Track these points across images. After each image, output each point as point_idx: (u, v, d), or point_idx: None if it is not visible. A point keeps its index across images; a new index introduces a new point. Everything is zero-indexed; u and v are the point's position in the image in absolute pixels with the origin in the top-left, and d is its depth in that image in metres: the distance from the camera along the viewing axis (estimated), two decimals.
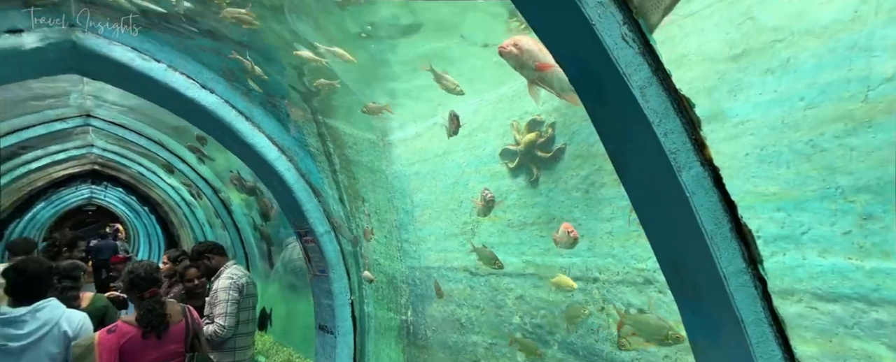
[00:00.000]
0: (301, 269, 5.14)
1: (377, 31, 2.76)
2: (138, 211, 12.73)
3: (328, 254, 4.11)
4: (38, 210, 10.78)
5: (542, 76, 1.94)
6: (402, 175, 3.65)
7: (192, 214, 8.19)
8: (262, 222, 5.82)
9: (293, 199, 4.11)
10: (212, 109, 3.70)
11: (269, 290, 5.91)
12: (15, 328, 2.75)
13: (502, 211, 2.76)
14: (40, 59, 3.10)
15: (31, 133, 4.97)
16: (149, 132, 6.01)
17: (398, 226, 3.78)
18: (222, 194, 6.56)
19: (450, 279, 3.30)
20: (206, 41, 3.26)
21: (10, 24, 2.87)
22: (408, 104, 3.30)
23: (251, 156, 4.02)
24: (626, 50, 1.09)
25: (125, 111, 5.65)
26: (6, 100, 4.36)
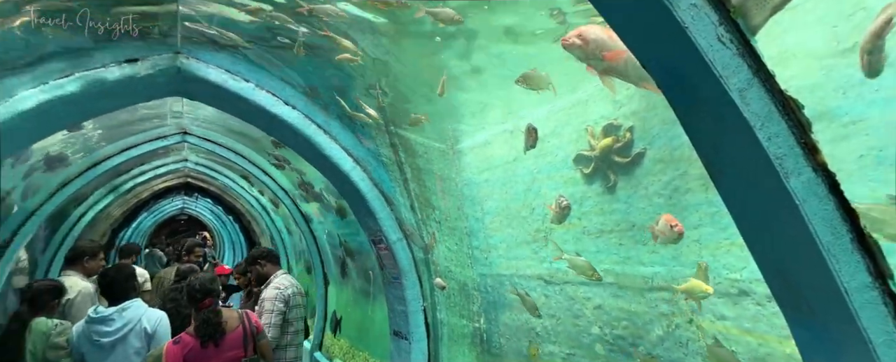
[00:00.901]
0: (373, 275, 5.32)
1: (447, 39, 2.82)
2: (224, 220, 13.80)
3: (401, 261, 4.23)
4: (141, 219, 12.05)
5: (613, 66, 1.87)
6: (472, 183, 3.68)
7: (272, 222, 8.74)
8: (339, 230, 6.08)
9: (367, 208, 4.28)
10: (294, 124, 3.95)
11: (343, 296, 6.17)
12: (105, 325, 3.18)
13: (577, 218, 2.71)
14: (151, 84, 3.47)
15: (140, 150, 5.57)
16: (235, 146, 6.51)
17: (469, 234, 3.82)
18: (299, 203, 6.96)
19: (522, 287, 3.27)
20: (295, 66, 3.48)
21: (128, 55, 3.25)
22: (478, 111, 3.34)
23: (328, 167, 4.24)
24: (722, 51, 1.05)
25: (215, 127, 6.18)
26: (122, 121, 4.93)
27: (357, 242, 5.76)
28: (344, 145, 4.19)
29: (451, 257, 3.93)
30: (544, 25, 2.34)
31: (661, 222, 1.97)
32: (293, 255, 8.56)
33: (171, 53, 3.42)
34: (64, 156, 4.97)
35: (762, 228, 1.13)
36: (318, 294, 6.64)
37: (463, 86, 3.28)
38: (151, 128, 5.78)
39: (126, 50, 3.27)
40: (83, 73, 3.12)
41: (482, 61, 2.88)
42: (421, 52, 2.94)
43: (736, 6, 1.03)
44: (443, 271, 3.96)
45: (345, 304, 6.18)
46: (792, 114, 1.03)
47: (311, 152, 4.22)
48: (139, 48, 3.32)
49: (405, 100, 3.59)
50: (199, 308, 3.05)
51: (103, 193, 7.03)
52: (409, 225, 4.31)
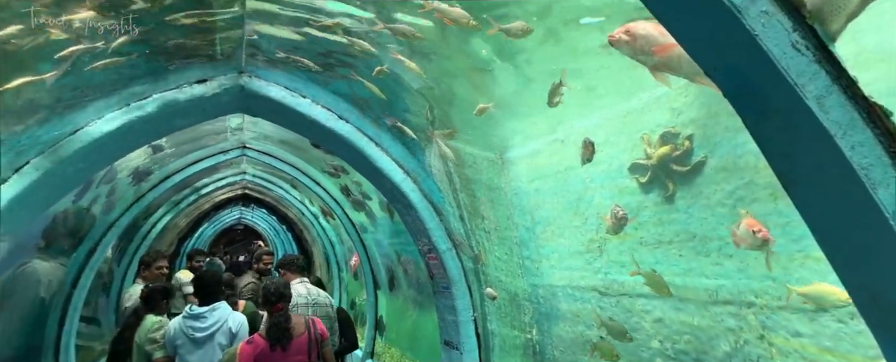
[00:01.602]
0: (423, 285, 5.38)
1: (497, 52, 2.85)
2: (277, 229, 14.39)
3: (450, 271, 4.26)
4: (203, 229, 12.79)
5: (663, 61, 1.81)
6: (522, 192, 3.67)
7: (323, 232, 9.02)
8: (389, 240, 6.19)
9: (417, 218, 4.35)
10: (347, 137, 4.10)
11: (394, 304, 6.26)
12: (199, 322, 3.59)
13: (634, 228, 2.64)
14: (217, 103, 3.71)
15: (204, 164, 5.93)
16: (290, 158, 6.80)
17: (519, 244, 3.80)
18: (350, 212, 7.16)
19: (576, 299, 3.22)
20: (345, 82, 3.62)
21: (198, 76, 3.50)
22: (527, 121, 3.34)
23: (380, 178, 4.36)
24: (797, 59, 1.02)
25: (271, 141, 6.49)
26: (189, 138, 5.28)
27: (407, 252, 5.85)
28: (394, 157, 4.29)
29: (501, 267, 3.92)
30: (595, 35, 2.33)
31: (742, 227, 1.85)
32: (344, 263, 8.79)
33: (236, 73, 3.65)
34: (150, 170, 5.42)
35: (846, 241, 1.07)
36: (368, 302, 6.78)
37: (512, 96, 3.30)
38: (214, 144, 6.15)
39: (196, 71, 3.52)
40: (159, 94, 3.38)
41: (532, 71, 2.89)
42: (471, 63, 2.98)
43: (812, 12, 1.00)
44: (493, 281, 3.96)
45: (395, 313, 6.27)
46: (879, 121, 0.98)
47: (363, 164, 4.35)
48: (207, 69, 3.57)
49: (454, 112, 3.65)
50: (271, 311, 3.22)
51: (170, 205, 7.53)
52: (459, 234, 4.34)
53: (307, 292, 4.37)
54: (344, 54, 3.40)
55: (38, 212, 3.26)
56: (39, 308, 4.64)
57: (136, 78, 3.29)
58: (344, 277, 8.88)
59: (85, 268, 5.03)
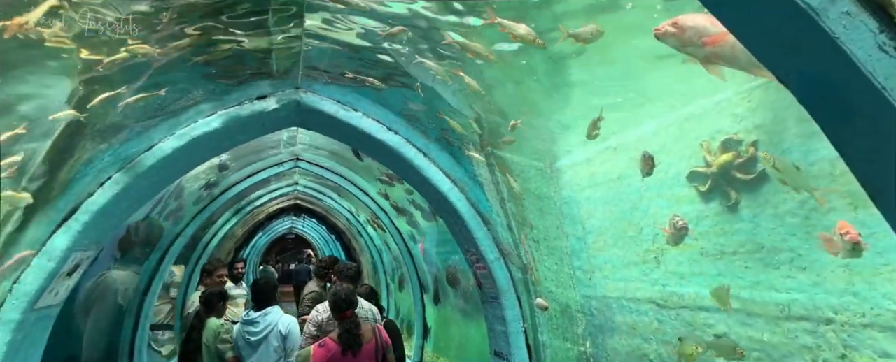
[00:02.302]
0: (470, 294, 5.37)
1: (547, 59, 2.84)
2: (327, 239, 14.82)
3: (499, 281, 4.24)
4: (258, 238, 13.37)
5: (716, 52, 1.71)
6: (572, 201, 3.62)
7: (370, 240, 9.21)
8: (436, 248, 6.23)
9: (465, 228, 4.37)
10: (396, 148, 4.19)
11: (442, 313, 6.28)
12: (253, 326, 3.86)
13: (693, 238, 2.54)
14: (276, 118, 3.90)
15: (262, 175, 6.22)
16: (340, 169, 7.01)
17: (570, 253, 3.73)
18: (397, 222, 7.27)
19: (632, 311, 3.12)
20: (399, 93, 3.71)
21: (259, 93, 3.70)
22: (577, 129, 3.30)
23: (428, 188, 4.41)
24: (885, 61, 0.96)
25: (322, 152, 6.73)
26: (249, 151, 5.56)
27: (455, 261, 5.87)
28: (442, 167, 4.34)
29: (551, 277, 3.87)
30: (649, 42, 2.28)
31: (835, 232, 1.69)
32: (390, 272, 8.92)
33: (293, 89, 3.82)
34: (218, 182, 5.80)
35: None
36: (416, 311, 6.84)
37: (562, 103, 3.27)
38: (270, 156, 6.44)
39: (256, 89, 3.72)
40: (224, 111, 3.59)
41: (584, 77, 2.86)
42: (520, 70, 2.98)
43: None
44: (543, 292, 3.90)
45: (442, 321, 6.29)
46: None
47: (411, 174, 4.43)
48: (266, 86, 3.77)
49: (503, 120, 3.65)
50: (342, 318, 3.34)
51: (229, 216, 7.93)
52: (507, 244, 4.32)
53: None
54: (396, 68, 3.49)
55: (119, 222, 3.53)
56: (117, 313, 5.04)
57: (203, 97, 3.52)
58: (391, 285, 9.01)
59: (155, 275, 5.38)
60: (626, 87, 2.64)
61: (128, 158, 3.29)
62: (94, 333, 4.70)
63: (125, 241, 5.05)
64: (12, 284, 2.70)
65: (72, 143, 2.76)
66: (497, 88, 3.23)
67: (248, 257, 12.84)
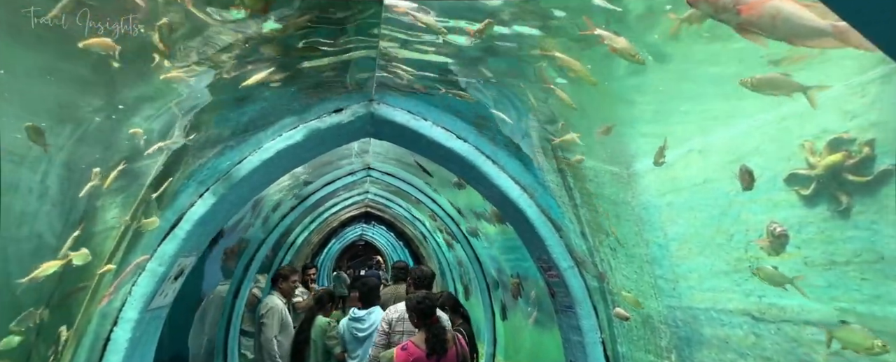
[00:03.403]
0: (542, 302, 5.27)
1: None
2: (395, 245, 15.20)
3: (573, 290, 4.13)
4: (331, 245, 14.00)
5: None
6: (652, 206, 3.45)
7: (438, 247, 9.32)
8: (505, 256, 6.20)
9: (536, 235, 4.30)
10: (465, 156, 4.23)
11: (512, 321, 6.21)
12: (360, 323, 4.28)
13: (795, 246, 2.33)
14: (351, 129, 4.09)
15: (336, 185, 6.52)
16: (409, 178, 7.18)
17: (650, 261, 3.55)
18: (464, 228, 7.31)
19: (723, 323, 2.90)
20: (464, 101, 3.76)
21: (335, 106, 3.90)
22: (656, 131, 3.15)
23: (497, 195, 4.41)
24: None
25: (391, 161, 6.93)
26: (323, 162, 5.86)
27: (523, 268, 5.80)
28: (511, 173, 4.32)
29: (630, 286, 3.70)
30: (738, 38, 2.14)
31: None
32: (458, 279, 8.97)
33: (366, 101, 3.99)
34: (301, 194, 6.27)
35: None
36: (486, 317, 6.82)
37: (640, 103, 3.14)
38: (343, 166, 6.74)
39: (333, 102, 3.93)
40: (305, 124, 3.82)
41: (663, 75, 2.72)
42: (596, 72, 2.90)
43: None
44: (621, 301, 3.74)
45: (513, 330, 6.22)
46: None
47: (480, 181, 4.45)
48: (342, 100, 3.96)
49: (574, 123, 3.57)
50: (429, 323, 3.44)
51: (306, 224, 8.37)
52: (581, 252, 4.20)
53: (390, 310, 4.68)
54: (463, 76, 3.53)
55: (215, 229, 3.84)
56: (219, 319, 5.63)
57: (286, 112, 3.77)
58: (460, 290, 9.05)
59: (243, 281, 5.80)
60: (715, 83, 2.48)
61: (222, 171, 3.59)
62: (197, 334, 5.23)
63: (224, 262, 5.59)
64: (131, 287, 3.03)
65: (178, 159, 3.05)
66: (568, 91, 3.17)
67: (322, 263, 13.49)
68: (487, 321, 6.79)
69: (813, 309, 2.25)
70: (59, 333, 2.43)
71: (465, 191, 6.09)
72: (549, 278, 4.46)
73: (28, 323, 2.01)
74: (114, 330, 2.91)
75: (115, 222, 2.65)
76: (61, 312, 2.42)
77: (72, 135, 2.01)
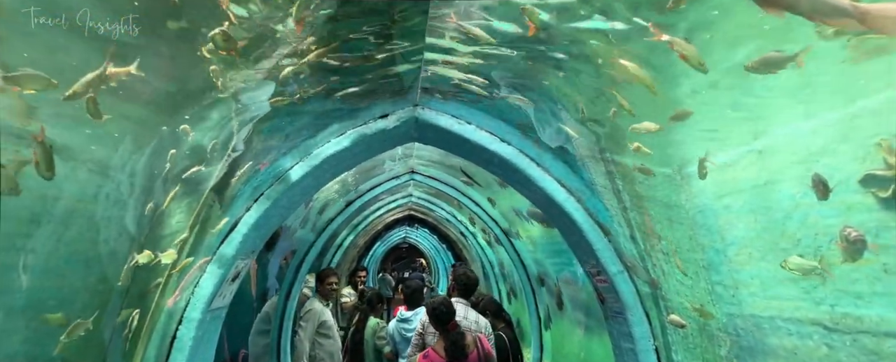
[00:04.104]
0: (591, 307, 5.15)
1: None
2: (437, 248, 15.30)
3: (624, 296, 4.01)
4: (376, 247, 14.27)
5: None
6: (708, 209, 3.29)
7: (481, 250, 9.30)
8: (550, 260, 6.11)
9: (583, 239, 4.22)
10: (509, 159, 4.21)
11: (559, 327, 6.10)
12: (407, 324, 4.45)
13: (874, 253, 2.16)
14: (396, 134, 4.16)
15: (380, 189, 6.64)
16: (452, 181, 7.21)
17: (706, 267, 3.39)
18: (509, 231, 7.25)
19: (791, 333, 2.73)
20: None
21: (381, 112, 3.98)
22: (712, 130, 3.01)
23: (542, 198, 4.35)
24: None
25: (434, 164, 6.99)
26: (368, 167, 5.99)
27: (570, 272, 5.69)
28: (556, 176, 4.26)
29: (685, 292, 3.55)
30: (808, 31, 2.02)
31: None
32: (504, 284, 8.91)
33: (411, 106, 4.05)
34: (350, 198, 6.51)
35: None
36: (531, 323, 6.73)
37: (691, 100, 3.02)
38: (388, 170, 6.86)
39: (379, 108, 4.01)
40: (352, 130, 3.93)
41: (718, 69, 2.59)
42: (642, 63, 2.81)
43: None
44: (676, 308, 3.60)
45: (560, 335, 6.10)
46: None
47: (524, 185, 4.41)
48: (388, 105, 4.04)
49: (624, 125, 3.47)
50: (447, 329, 3.45)
51: (352, 227, 8.58)
52: (631, 256, 4.08)
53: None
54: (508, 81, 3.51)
55: (268, 233, 4.00)
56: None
57: (334, 118, 3.88)
58: (504, 292, 8.98)
59: (294, 283, 6.01)
60: (777, 75, 2.35)
61: (275, 176, 3.74)
62: (256, 335, 5.51)
63: (279, 272, 5.86)
64: (194, 288, 3.21)
65: (235, 166, 3.21)
66: (616, 91, 3.09)
67: (368, 265, 13.78)
68: (533, 326, 6.70)
69: (891, 321, 2.08)
70: (134, 331, 2.61)
71: (507, 189, 6.06)
72: (597, 283, 4.36)
73: (111, 321, 2.17)
74: (179, 328, 3.09)
75: (180, 226, 2.82)
76: (139, 311, 2.60)
77: (145, 145, 2.16)
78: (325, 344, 5.26)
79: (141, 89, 1.92)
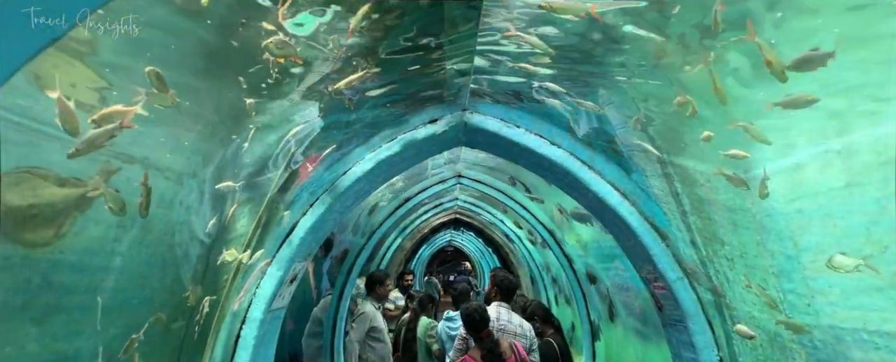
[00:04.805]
0: (647, 314, 4.96)
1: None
2: (483, 251, 15.25)
3: (684, 303, 3.84)
4: (422, 250, 14.43)
5: None
6: (778, 213, 3.09)
7: (528, 254, 9.18)
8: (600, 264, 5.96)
9: (639, 244, 4.07)
10: (559, 162, 4.13)
11: (613, 334, 5.91)
12: (453, 323, 4.66)
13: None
14: (444, 139, 4.18)
15: (428, 193, 6.70)
16: (499, 184, 7.17)
17: (777, 274, 3.18)
18: (557, 235, 7.12)
19: (878, 346, 2.52)
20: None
21: (431, 117, 4.02)
22: (782, 128, 2.83)
23: (594, 202, 4.24)
24: None
25: (480, 167, 6.97)
26: (415, 173, 6.06)
27: (622, 278, 5.51)
28: (609, 179, 4.14)
29: (752, 300, 3.35)
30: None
31: None
32: (552, 288, 8.75)
33: (460, 111, 4.06)
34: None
35: None
36: (584, 330, 6.56)
37: (759, 96, 2.85)
38: (435, 175, 6.92)
39: (428, 113, 4.05)
40: (402, 136, 3.99)
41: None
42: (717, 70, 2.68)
43: None
44: (743, 317, 3.40)
45: (615, 343, 5.91)
46: None
47: (575, 188, 4.32)
48: (437, 110, 4.07)
49: (681, 126, 3.33)
50: (480, 337, 3.42)
51: (400, 231, 8.70)
52: (691, 262, 3.89)
53: (497, 316, 4.47)
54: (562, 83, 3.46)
55: (324, 236, 4.13)
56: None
57: (384, 124, 3.96)
58: (552, 300, 8.81)
59: (346, 284, 6.17)
60: (858, 69, 2.18)
61: (330, 181, 3.85)
62: (308, 337, 5.71)
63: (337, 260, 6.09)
64: (256, 289, 3.35)
65: (293, 173, 3.33)
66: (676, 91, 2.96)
67: (414, 268, 13.93)
68: (585, 333, 6.53)
69: None
70: (203, 329, 2.76)
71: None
72: (655, 289, 4.20)
73: (184, 319, 2.31)
74: (243, 328, 3.24)
75: (244, 230, 2.96)
76: (208, 310, 2.75)
77: (214, 156, 2.28)
78: (376, 347, 5.36)
79: (209, 106, 2.04)
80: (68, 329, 1.57)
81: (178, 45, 1.77)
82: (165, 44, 1.71)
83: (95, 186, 1.61)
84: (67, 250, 1.49)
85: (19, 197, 1.22)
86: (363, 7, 2.09)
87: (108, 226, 1.74)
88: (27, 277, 1.34)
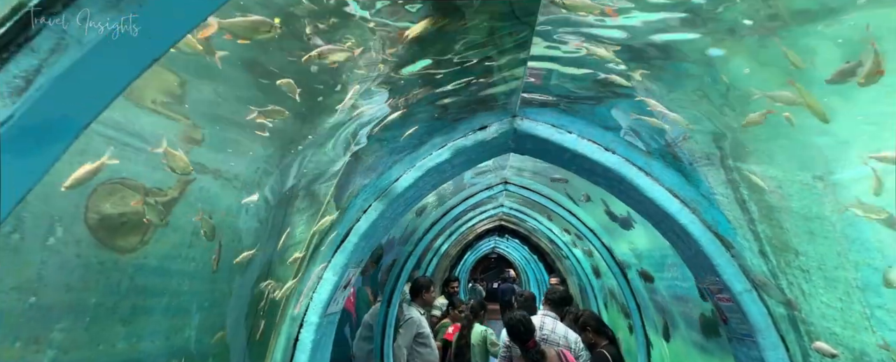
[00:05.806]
0: (709, 327, 4.70)
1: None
2: (528, 259, 15.02)
3: (752, 317, 3.61)
4: (466, 257, 14.40)
5: None
6: (862, 222, 2.85)
7: (577, 262, 8.95)
8: (656, 273, 5.72)
9: (701, 253, 3.87)
10: (614, 168, 3.99)
11: (672, 347, 5.65)
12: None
13: None
14: (494, 145, 4.15)
15: (474, 199, 6.68)
16: (546, 191, 7.05)
17: (862, 288, 2.93)
18: (605, 240, 6.90)
19: None
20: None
21: (480, 124, 4.00)
22: (866, 128, 2.62)
23: (652, 209, 4.07)
24: None
25: (527, 174, 6.88)
26: (462, 180, 6.05)
27: (681, 288, 5.25)
28: (667, 186, 3.97)
29: (833, 316, 3.09)
30: None
31: None
32: (602, 297, 8.47)
33: (510, 117, 4.02)
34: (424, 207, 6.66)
35: None
36: (639, 342, 6.31)
37: (839, 101, 2.65)
38: (481, 181, 6.89)
39: (478, 120, 4.04)
40: (452, 143, 3.99)
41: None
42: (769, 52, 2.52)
43: None
44: (821, 334, 3.15)
45: (675, 357, 5.64)
46: None
47: (631, 195, 4.17)
48: (487, 117, 4.05)
49: (747, 129, 3.14)
50: (525, 347, 3.35)
51: (445, 237, 8.71)
52: (760, 273, 3.65)
53: (541, 325, 4.47)
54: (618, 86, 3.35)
55: (376, 242, 4.19)
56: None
57: (434, 132, 3.98)
58: (603, 310, 8.53)
59: (394, 290, 6.23)
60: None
61: (382, 188, 3.90)
62: (360, 340, 5.82)
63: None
64: (312, 294, 3.44)
65: (347, 181, 3.41)
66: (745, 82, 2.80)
67: (459, 275, 13.91)
68: (641, 345, 6.27)
69: None
70: (264, 332, 2.85)
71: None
72: (719, 302, 3.97)
73: (249, 322, 2.40)
74: (301, 331, 3.33)
75: (302, 236, 3.05)
76: (269, 314, 2.84)
77: (275, 166, 2.36)
78: (423, 352, 5.38)
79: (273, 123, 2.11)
80: (151, 328, 1.66)
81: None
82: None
83: (174, 195, 1.70)
84: (150, 255, 1.59)
85: (112, 206, 1.31)
86: (424, 21, 2.10)
87: (184, 233, 1.83)
88: (118, 280, 1.43)
